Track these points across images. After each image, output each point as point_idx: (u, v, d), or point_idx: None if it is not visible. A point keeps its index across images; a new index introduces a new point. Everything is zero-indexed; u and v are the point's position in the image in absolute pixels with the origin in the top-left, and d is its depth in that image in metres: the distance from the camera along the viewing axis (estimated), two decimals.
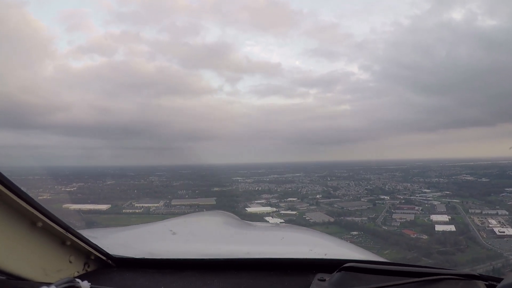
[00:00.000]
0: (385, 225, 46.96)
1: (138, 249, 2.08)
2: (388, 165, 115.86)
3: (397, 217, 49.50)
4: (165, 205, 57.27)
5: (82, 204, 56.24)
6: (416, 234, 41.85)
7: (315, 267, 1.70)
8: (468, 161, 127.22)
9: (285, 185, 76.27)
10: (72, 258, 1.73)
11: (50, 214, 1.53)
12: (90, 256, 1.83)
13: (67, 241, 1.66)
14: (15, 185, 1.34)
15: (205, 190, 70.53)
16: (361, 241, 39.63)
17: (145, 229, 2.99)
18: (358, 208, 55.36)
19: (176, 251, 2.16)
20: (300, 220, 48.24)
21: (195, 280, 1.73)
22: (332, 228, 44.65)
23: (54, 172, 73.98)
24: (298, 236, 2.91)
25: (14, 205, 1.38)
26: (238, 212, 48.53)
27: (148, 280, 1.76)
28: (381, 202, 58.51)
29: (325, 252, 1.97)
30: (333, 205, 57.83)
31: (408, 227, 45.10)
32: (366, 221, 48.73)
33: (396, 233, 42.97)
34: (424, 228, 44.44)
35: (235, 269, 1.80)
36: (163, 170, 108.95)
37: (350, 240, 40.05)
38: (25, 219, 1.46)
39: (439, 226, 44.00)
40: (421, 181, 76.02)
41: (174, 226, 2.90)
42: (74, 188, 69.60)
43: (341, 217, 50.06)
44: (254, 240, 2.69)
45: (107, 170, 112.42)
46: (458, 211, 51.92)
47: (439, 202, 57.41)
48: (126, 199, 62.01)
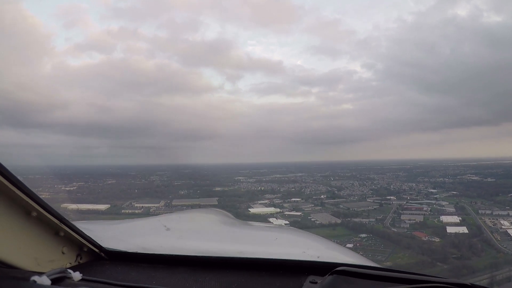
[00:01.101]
0: (394, 226, 44.70)
1: (131, 243, 2.07)
2: (391, 165, 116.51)
3: (406, 218, 47.32)
4: (166, 205, 56.03)
5: (80, 203, 55.18)
6: (428, 237, 39.60)
7: (308, 269, 1.68)
8: (471, 161, 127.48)
9: (288, 185, 75.24)
10: (65, 249, 1.73)
11: (45, 204, 1.53)
12: (83, 248, 1.83)
13: (61, 232, 1.67)
14: (12, 174, 1.35)
15: (206, 190, 69.63)
16: (371, 244, 37.49)
17: (139, 224, 3.01)
18: (364, 208, 53.25)
19: (169, 246, 2.11)
20: (305, 221, 46.13)
21: (187, 276, 1.71)
22: (339, 230, 42.55)
23: (55, 171, 73.19)
24: (291, 237, 2.83)
25: (10, 194, 1.39)
26: (241, 213, 46.93)
27: (140, 274, 1.75)
28: (388, 203, 56.54)
29: (318, 255, 1.97)
30: (339, 206, 55.76)
31: (418, 228, 42.88)
32: (374, 222, 46.46)
33: (406, 235, 40.66)
34: (435, 230, 42.21)
35: (228, 268, 1.78)
36: (164, 169, 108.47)
37: (359, 243, 37.88)
38: (19, 208, 1.47)
39: (450, 228, 41.81)
40: (426, 181, 74.74)
41: (168, 221, 2.84)
42: (74, 188, 69.08)
43: (347, 218, 47.76)
44: (247, 239, 2.63)
45: (108, 169, 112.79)
46: (468, 212, 50.04)
47: (447, 203, 55.49)
48: (126, 199, 60.66)
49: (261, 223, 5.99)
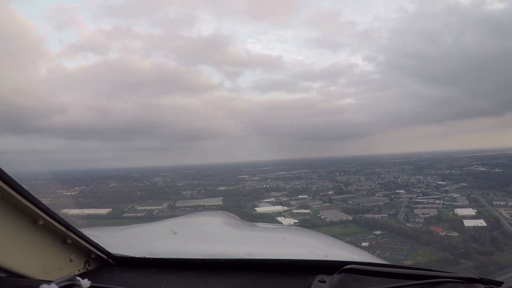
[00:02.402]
0: (408, 221, 42.27)
1: (138, 248, 2.05)
2: (395, 159, 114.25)
3: (419, 212, 44.92)
4: (169, 207, 54.00)
5: (81, 208, 53.21)
6: (445, 231, 37.17)
7: (316, 269, 1.66)
8: (475, 152, 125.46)
9: (293, 182, 73.12)
10: (73, 257, 1.70)
11: (51, 212, 1.52)
12: (90, 255, 1.81)
13: (68, 239, 1.64)
14: (17, 183, 1.34)
15: (210, 189, 68.00)
16: (387, 242, 35.05)
17: (146, 229, 2.93)
18: (375, 203, 50.90)
19: (177, 250, 2.12)
20: (315, 219, 43.71)
21: (195, 280, 1.70)
22: (351, 227, 40.10)
23: (57, 176, 71.66)
24: (298, 237, 2.77)
25: (16, 203, 1.38)
26: (247, 212, 44.77)
27: (149, 279, 1.74)
28: (398, 197, 54.22)
29: (325, 254, 1.94)
30: (348, 202, 53.40)
31: (434, 223, 40.45)
32: (387, 218, 44.03)
33: (423, 230, 38.18)
34: (452, 224, 39.79)
35: (236, 270, 1.77)
36: (167, 170, 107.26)
37: (374, 241, 35.44)
38: (26, 217, 1.45)
39: (468, 221, 39.38)
40: (433, 174, 72.66)
41: (175, 225, 2.79)
42: (76, 192, 67.49)
43: (359, 215, 45.28)
44: (255, 240, 2.61)
45: (111, 173, 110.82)
46: (482, 204, 47.76)
47: (459, 195, 53.24)
48: (128, 202, 58.73)
49: (267, 224, 5.60)
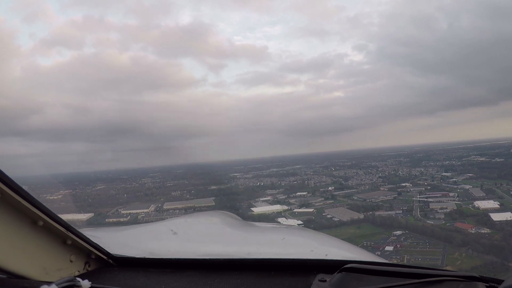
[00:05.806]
0: (427, 218, 36.26)
1: (139, 248, 2.01)
2: (387, 152, 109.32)
3: (436, 207, 38.85)
4: (156, 210, 47.77)
5: (60, 214, 45.46)
6: (474, 228, 30.99)
7: (316, 268, 1.62)
8: (467, 143, 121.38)
9: (289, 178, 67.32)
10: (73, 257, 1.67)
11: (51, 213, 1.49)
12: (91, 255, 1.77)
13: (68, 240, 1.61)
14: (17, 184, 1.32)
15: (201, 189, 61.83)
16: (413, 244, 28.82)
17: (146, 229, 2.87)
18: (382, 198, 44.54)
19: (177, 251, 2.06)
20: (320, 219, 37.28)
21: (196, 280, 1.67)
22: (365, 228, 33.61)
23: (44, 181, 64.55)
24: (299, 236, 2.67)
25: (15, 204, 1.35)
26: (243, 214, 37.93)
27: (149, 279, 1.70)
28: (405, 190, 48.33)
29: (326, 253, 1.88)
30: (352, 197, 47.25)
31: (457, 219, 34.46)
32: (402, 214, 37.91)
33: (448, 228, 32.17)
34: (477, 218, 33.87)
35: (236, 269, 1.73)
36: (156, 171, 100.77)
37: (399, 243, 29.03)
38: (26, 218, 1.42)
39: (495, 215, 33.53)
40: (432, 165, 67.48)
41: (175, 226, 2.71)
42: (59, 197, 59.55)
43: (369, 212, 39.05)
44: (255, 240, 2.52)
45: (100, 175, 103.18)
46: (500, 195, 42.45)
47: (471, 186, 47.44)
48: (113, 206, 52.82)
49: (267, 223, 4.73)
